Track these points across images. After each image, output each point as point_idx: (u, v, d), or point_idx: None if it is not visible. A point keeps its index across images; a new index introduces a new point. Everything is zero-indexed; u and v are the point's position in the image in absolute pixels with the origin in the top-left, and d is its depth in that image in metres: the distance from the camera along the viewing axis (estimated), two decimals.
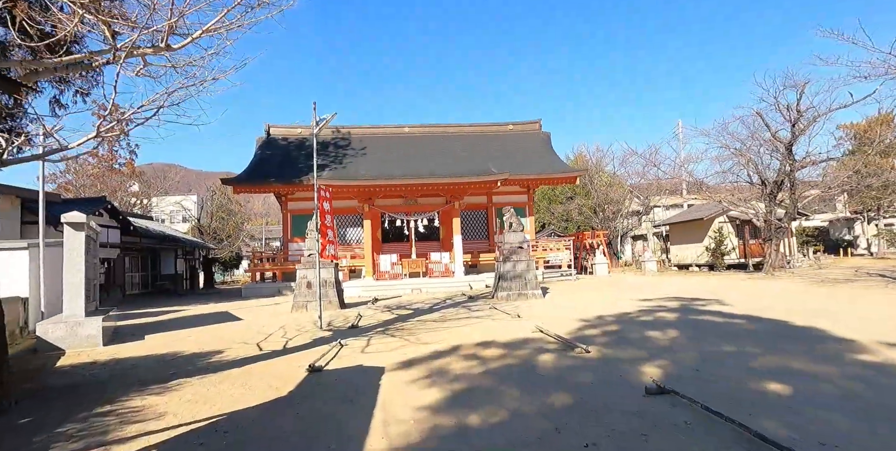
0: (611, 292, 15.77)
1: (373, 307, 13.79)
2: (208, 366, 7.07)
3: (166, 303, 19.27)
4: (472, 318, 10.79)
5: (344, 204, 22.48)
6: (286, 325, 11.11)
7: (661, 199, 33.42)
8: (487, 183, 19.20)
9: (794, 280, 17.45)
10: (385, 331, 9.56)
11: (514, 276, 14.18)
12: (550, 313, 11.22)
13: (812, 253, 28.85)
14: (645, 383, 5.09)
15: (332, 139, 25.78)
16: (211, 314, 14.25)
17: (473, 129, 26.82)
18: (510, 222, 14.73)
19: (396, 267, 19.87)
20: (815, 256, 28.91)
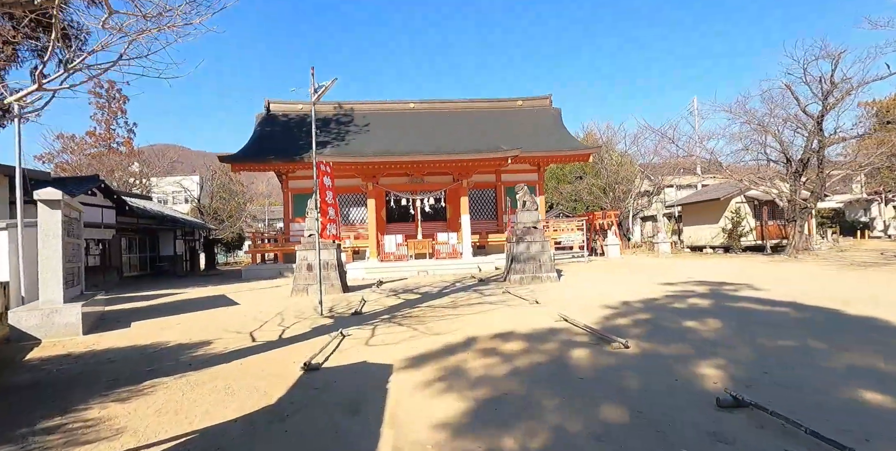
0: (628, 275, 14.83)
1: (377, 291, 12.92)
2: (191, 361, 6.19)
3: (164, 285, 18.48)
4: (486, 304, 9.89)
5: (347, 183, 21.48)
6: (284, 311, 10.24)
7: (673, 178, 32.24)
8: (497, 160, 18.13)
9: (820, 263, 16.47)
10: (391, 319, 8.66)
11: (528, 258, 13.24)
12: (570, 298, 10.31)
13: (830, 235, 27.76)
14: (709, 389, 4.18)
15: (333, 116, 24.64)
16: (207, 298, 13.41)
17: (481, 105, 25.60)
18: (524, 201, 13.73)
19: (402, 248, 18.97)
20: (834, 238, 27.84)
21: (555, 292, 11.38)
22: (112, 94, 35.37)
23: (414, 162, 17.95)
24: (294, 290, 12.56)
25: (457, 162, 18.07)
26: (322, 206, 9.73)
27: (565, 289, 11.84)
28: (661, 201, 36.50)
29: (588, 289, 11.63)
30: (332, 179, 10.08)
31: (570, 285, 12.45)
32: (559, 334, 6.69)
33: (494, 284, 13.36)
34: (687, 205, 28.51)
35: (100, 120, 34.85)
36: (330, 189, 9.95)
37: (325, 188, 9.85)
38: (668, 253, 24.22)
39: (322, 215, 9.71)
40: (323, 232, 9.73)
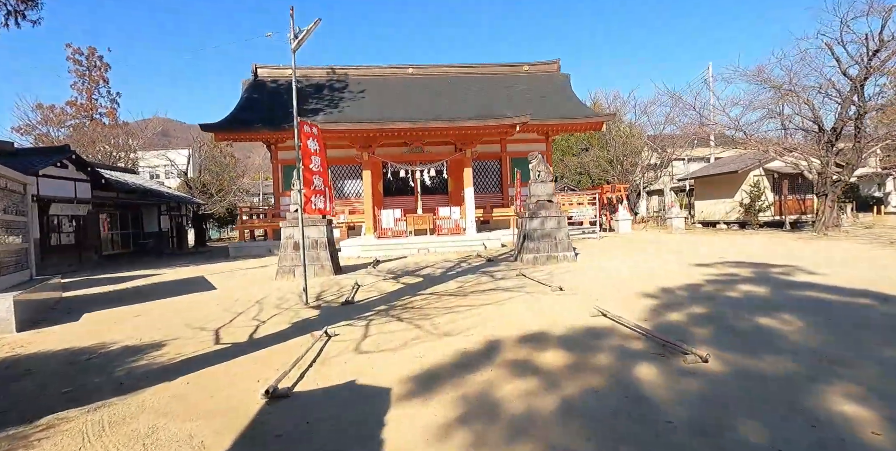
0: (651, 254, 13.29)
1: (373, 273, 11.37)
2: (126, 377, 4.65)
3: (144, 265, 16.93)
4: (500, 290, 8.34)
5: (341, 153, 19.74)
6: (265, 298, 8.70)
7: (684, 151, 30.46)
8: (504, 128, 16.37)
9: (855, 241, 14.96)
10: (389, 311, 7.11)
11: (543, 235, 11.66)
12: (596, 282, 8.77)
13: (849, 211, 26.22)
14: (872, 444, 2.65)
15: (326, 81, 22.66)
16: (183, 281, 11.87)
17: (485, 69, 23.59)
18: (538, 171, 12.06)
19: (400, 224, 17.37)
20: (853, 213, 26.31)
21: (576, 274, 9.83)
22: (93, 61, 33.02)
23: (413, 130, 16.17)
24: (279, 272, 11.00)
25: (460, 130, 16.30)
26: (305, 174, 8.07)
27: (586, 271, 10.30)
28: (668, 175, 34.79)
29: (612, 271, 10.08)
30: (319, 144, 8.38)
31: (590, 266, 10.91)
32: (606, 338, 5.15)
33: (505, 264, 11.82)
34: (700, 178, 26.84)
35: (80, 89, 32.60)
36: (316, 154, 8.27)
37: (310, 153, 8.17)
38: (681, 229, 22.69)
39: (306, 186, 8.06)
40: (307, 205, 8.10)
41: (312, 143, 8.22)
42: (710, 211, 26.29)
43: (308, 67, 23.08)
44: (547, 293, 7.87)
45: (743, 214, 23.64)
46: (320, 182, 8.27)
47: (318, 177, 8.26)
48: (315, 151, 8.26)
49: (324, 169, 8.41)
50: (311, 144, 8.20)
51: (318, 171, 8.26)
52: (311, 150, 8.19)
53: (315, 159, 8.25)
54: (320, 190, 8.27)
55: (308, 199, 8.08)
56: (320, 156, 8.36)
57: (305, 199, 8.05)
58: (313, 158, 8.21)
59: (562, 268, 10.75)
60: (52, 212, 16.83)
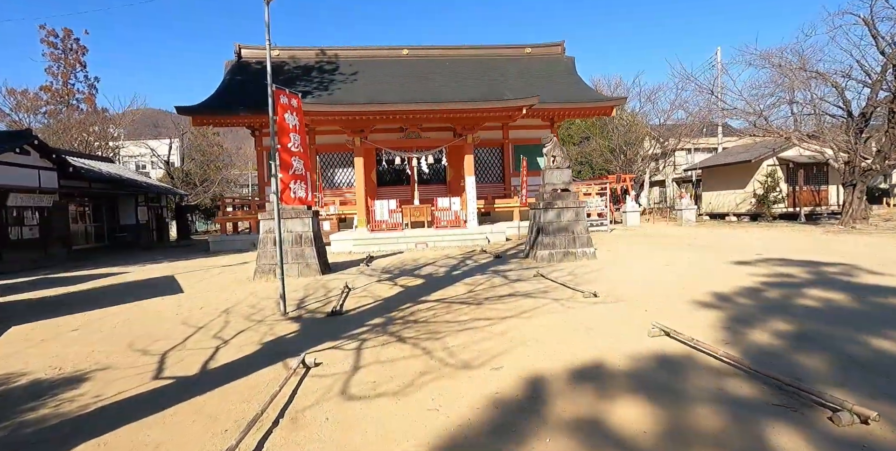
0: (675, 249, 11.88)
1: (367, 272, 9.84)
2: (4, 443, 3.13)
3: (114, 261, 15.31)
4: (520, 296, 6.86)
5: (330, 140, 18.15)
6: (235, 306, 7.16)
7: (692, 140, 29.08)
8: (510, 110, 14.82)
9: (889, 235, 13.66)
10: (386, 325, 5.61)
11: (559, 229, 10.19)
12: (631, 286, 7.31)
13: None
14: None
15: (315, 63, 20.94)
16: (148, 282, 10.29)
17: (484, 52, 21.95)
18: (553, 156, 10.55)
19: (396, 215, 15.83)
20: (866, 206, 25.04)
21: (602, 274, 8.37)
22: (69, 44, 30.91)
23: (409, 112, 14.56)
24: (257, 272, 9.45)
25: (461, 113, 14.72)
26: (283, 156, 6.51)
27: (612, 270, 8.84)
28: (671, 165, 33.46)
29: (643, 271, 8.63)
30: (299, 119, 6.80)
31: (614, 264, 9.45)
32: (691, 375, 3.68)
33: (516, 262, 10.33)
34: (708, 168, 25.46)
35: (55, 73, 30.50)
36: (296, 131, 6.70)
37: (289, 130, 6.60)
38: (692, 221, 21.33)
39: (283, 169, 6.51)
40: (285, 194, 6.55)
41: (291, 117, 6.65)
42: (718, 203, 24.95)
43: (296, 48, 21.35)
44: (579, 301, 6.40)
45: (755, 205, 22.32)
46: (301, 165, 6.71)
47: (298, 159, 6.69)
48: (294, 127, 6.69)
49: (305, 150, 6.85)
50: (290, 119, 6.63)
51: (297, 151, 6.70)
52: (290, 125, 6.62)
53: (294, 138, 6.68)
54: (300, 175, 6.72)
55: (286, 185, 6.53)
56: (300, 134, 6.79)
57: (283, 185, 6.50)
58: (292, 135, 6.64)
59: (583, 267, 9.28)
60: (11, 203, 15.11)
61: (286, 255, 9.46)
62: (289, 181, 6.54)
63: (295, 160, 6.64)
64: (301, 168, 6.72)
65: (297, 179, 6.67)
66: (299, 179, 6.69)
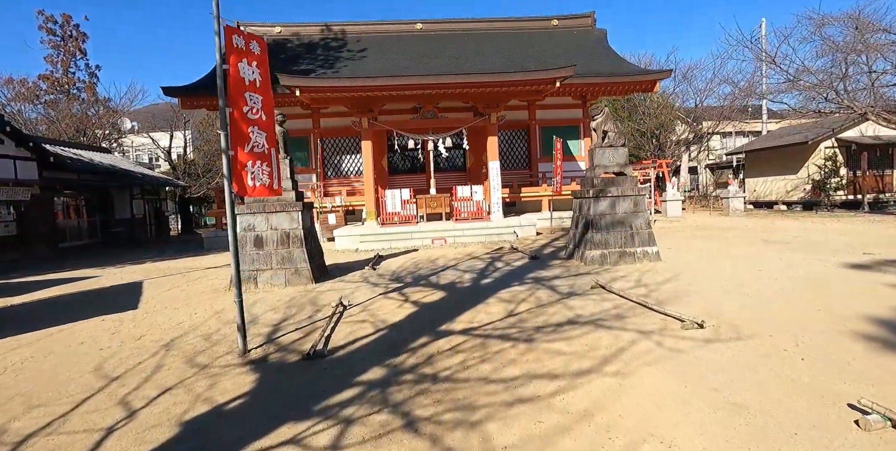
0: (747, 245, 9.55)
1: (372, 278, 7.71)
2: None
3: (98, 261, 13.48)
4: (584, 323, 4.66)
5: (336, 123, 16.02)
6: (185, 336, 5.10)
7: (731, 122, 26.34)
8: (540, 84, 12.49)
9: None
10: (388, 388, 3.45)
11: (613, 222, 7.93)
12: (735, 303, 5.08)
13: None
14: None
15: (320, 40, 18.74)
16: (108, 291, 8.32)
17: (506, 25, 19.51)
18: (603, 131, 8.24)
19: (409, 207, 13.65)
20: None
21: (682, 285, 6.12)
22: (68, 31, 29.10)
23: (425, 86, 12.31)
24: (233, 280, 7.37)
25: (485, 87, 12.42)
26: (237, 125, 4.36)
27: (690, 277, 6.57)
28: (705, 150, 30.71)
29: (734, 278, 6.36)
30: (262, 72, 4.62)
31: (688, 269, 7.17)
32: None
33: (559, 264, 8.10)
34: (753, 152, 22.76)
35: (55, 62, 28.76)
36: (254, 90, 4.54)
37: (244, 87, 4.44)
38: (739, 211, 18.78)
39: (237, 145, 4.36)
40: (241, 179, 4.41)
41: (249, 68, 4.48)
42: (764, 190, 22.30)
43: (299, 24, 19.17)
44: (681, 335, 4.18)
45: (809, 193, 19.67)
46: (262, 140, 4.55)
47: (259, 131, 4.54)
48: (254, 83, 4.53)
49: (269, 118, 4.68)
50: (247, 71, 4.47)
51: (258, 119, 4.54)
52: (247, 80, 4.46)
53: (253, 100, 4.52)
54: (262, 154, 4.56)
55: (242, 167, 4.38)
56: (264, 94, 4.62)
57: (238, 166, 4.36)
58: (250, 96, 4.48)
59: (650, 273, 7.03)
60: None
61: (269, 258, 7.38)
62: (246, 162, 4.41)
63: (254, 132, 4.49)
64: (263, 144, 4.56)
65: (258, 159, 4.52)
66: (261, 159, 4.53)
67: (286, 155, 7.79)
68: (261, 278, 7.33)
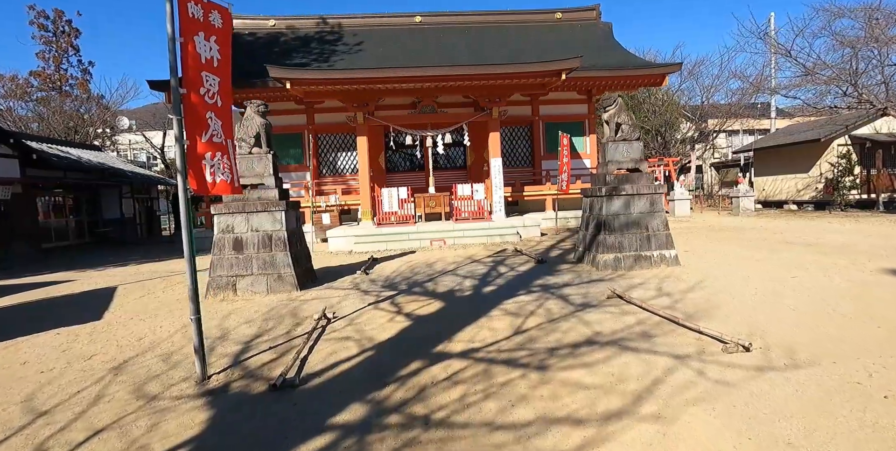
0: (768, 249, 8.83)
1: (364, 284, 6.99)
2: None
3: (80, 262, 12.84)
4: (606, 345, 3.94)
5: (332, 119, 15.31)
6: (141, 356, 4.40)
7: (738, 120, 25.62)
8: (545, 76, 11.77)
9: None
10: (366, 436, 2.74)
11: (628, 223, 7.22)
12: (778, 317, 4.37)
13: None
14: None
15: (315, 33, 18.00)
16: (76, 298, 7.62)
17: (508, 18, 18.77)
18: (617, 123, 7.52)
19: (407, 206, 12.92)
20: None
21: (709, 294, 5.40)
22: (60, 26, 28.38)
23: (423, 78, 11.59)
24: (210, 287, 6.65)
25: (487, 79, 11.70)
26: (193, 109, 3.63)
27: (718, 285, 5.85)
28: (711, 149, 29.96)
29: (767, 287, 5.64)
30: (221, 47, 3.89)
31: (712, 275, 6.45)
32: None
33: (568, 269, 7.39)
34: (763, 150, 22.02)
35: (47, 58, 28.04)
36: (212, 69, 3.80)
37: (200, 66, 3.71)
38: (750, 211, 18.04)
39: (194, 132, 3.63)
40: (198, 173, 3.68)
41: (207, 45, 3.75)
42: (774, 189, 21.58)
43: (293, 17, 18.45)
44: (724, 361, 3.46)
45: (822, 192, 18.94)
46: (220, 129, 3.82)
47: (216, 117, 3.80)
48: (211, 61, 3.80)
49: (226, 103, 3.95)
50: (205, 48, 3.73)
51: (214, 104, 3.80)
52: (203, 57, 3.72)
53: (210, 81, 3.78)
54: (221, 144, 3.82)
55: (200, 159, 3.66)
56: (220, 75, 3.88)
57: (196, 158, 3.63)
58: (206, 76, 3.74)
59: (670, 280, 6.31)
60: None
61: (249, 262, 6.67)
62: (205, 153, 3.68)
63: (212, 119, 3.75)
64: (221, 133, 3.83)
65: (218, 150, 3.78)
66: (220, 150, 3.80)
67: (268, 149, 7.07)
68: (240, 285, 6.62)
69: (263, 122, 6.97)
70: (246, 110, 7.03)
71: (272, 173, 6.99)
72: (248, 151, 6.97)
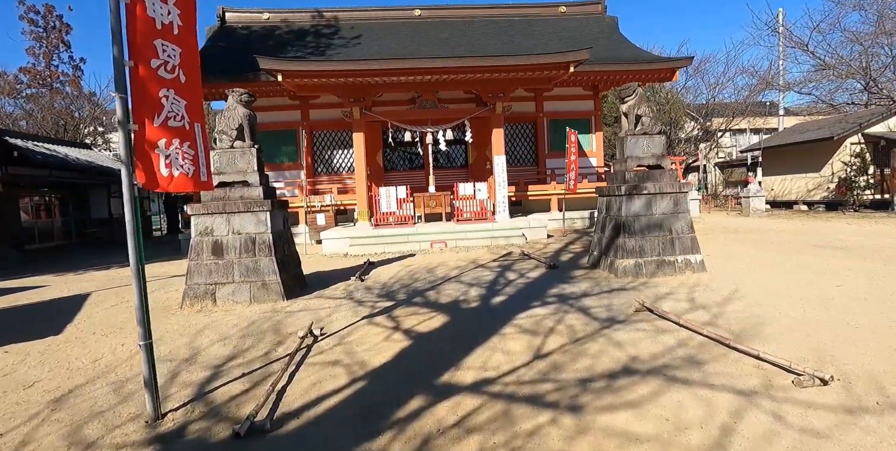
0: (795, 252, 8.14)
1: (358, 293, 6.28)
2: None
3: (61, 265, 12.16)
4: (647, 374, 3.24)
5: (328, 115, 14.61)
6: (90, 384, 3.68)
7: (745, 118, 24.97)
8: (552, 68, 11.08)
9: None
10: None
11: (650, 225, 6.52)
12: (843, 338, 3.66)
13: None
14: None
15: (311, 26, 17.29)
16: (42, 307, 6.90)
17: (511, 12, 18.07)
18: (637, 115, 6.82)
19: (406, 206, 12.21)
20: None
21: (749, 306, 4.71)
22: (51, 21, 27.61)
23: (423, 71, 10.88)
24: (187, 296, 5.92)
25: (490, 71, 10.99)
26: (143, 86, 2.91)
27: (755, 295, 5.15)
28: (714, 148, 29.29)
29: (811, 297, 4.94)
30: (184, 12, 3.18)
31: (744, 282, 5.75)
32: None
33: (582, 275, 6.68)
34: (772, 149, 21.34)
35: (37, 54, 27.27)
36: (169, 37, 3.09)
37: (156, 33, 2.99)
38: (760, 211, 17.36)
39: (143, 113, 2.91)
40: (147, 164, 2.96)
41: (162, 6, 3.03)
42: (783, 189, 20.90)
43: (288, 10, 17.75)
44: (799, 395, 2.76)
45: (834, 192, 18.26)
46: (182, 110, 3.10)
47: (177, 97, 3.08)
48: (169, 28, 3.08)
49: (193, 78, 3.23)
50: (159, 9, 3.02)
51: (174, 80, 3.08)
52: (158, 22, 3.01)
53: (168, 51, 3.07)
54: (182, 130, 3.11)
55: (151, 147, 2.94)
56: (183, 45, 3.17)
57: (145, 146, 2.92)
58: (162, 45, 3.03)
59: (700, 288, 5.61)
60: None
61: (230, 269, 5.95)
62: (157, 140, 2.97)
63: (169, 98, 3.04)
64: (183, 116, 3.11)
65: (176, 136, 3.07)
66: (180, 137, 3.09)
67: (253, 143, 6.35)
68: (220, 294, 5.90)
69: (247, 112, 6.25)
70: (227, 100, 6.31)
71: (256, 169, 6.27)
72: (230, 144, 6.25)
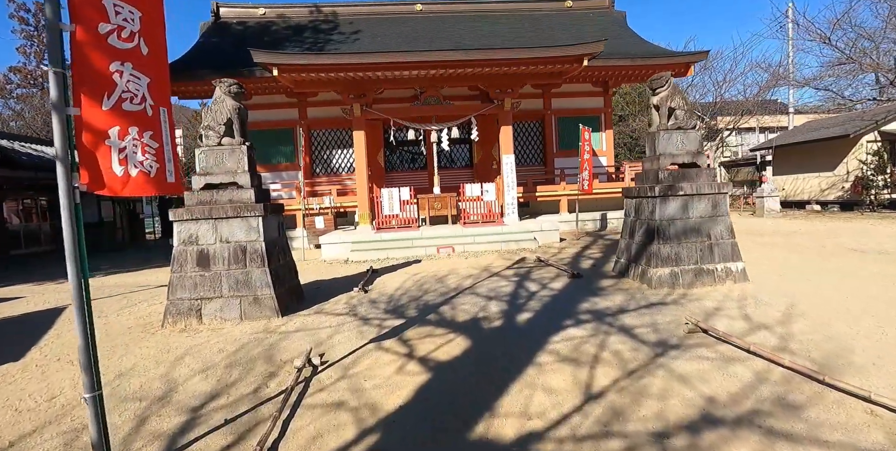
0: (832, 255, 7.46)
1: (362, 307, 5.56)
2: None
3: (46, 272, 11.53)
4: (734, 423, 2.53)
5: (327, 113, 13.89)
6: (51, 422, 2.94)
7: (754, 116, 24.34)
8: (564, 62, 10.38)
9: None
10: None
11: (686, 230, 5.82)
12: None
13: None
14: None
15: (309, 22, 16.57)
16: (13, 322, 6.19)
17: (515, 6, 17.36)
18: (670, 108, 6.12)
19: (409, 208, 11.49)
20: None
21: (816, 321, 4.01)
22: (42, 20, 26.87)
23: (427, 65, 10.17)
24: (169, 313, 5.21)
25: (498, 65, 10.29)
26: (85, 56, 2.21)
27: (826, 310, 4.46)
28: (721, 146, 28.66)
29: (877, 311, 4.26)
30: None
31: (801, 294, 5.06)
32: None
33: (611, 285, 5.97)
34: (783, 147, 20.67)
35: (28, 53, 26.53)
36: (132, 1, 2.39)
37: None
38: (775, 211, 16.71)
39: (86, 93, 2.21)
40: (88, 160, 2.26)
41: None
42: (795, 188, 20.24)
43: (285, 5, 17.02)
44: None
45: (849, 191, 17.61)
46: (143, 90, 2.42)
47: (136, 71, 2.39)
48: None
49: (157, 50, 2.55)
50: None
51: (133, 50, 2.39)
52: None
53: (125, 13, 2.37)
54: (142, 115, 2.41)
55: (97, 138, 2.24)
56: (145, 8, 2.48)
57: (89, 134, 2.22)
58: (115, 6, 2.33)
59: (749, 301, 4.91)
60: None
61: (218, 281, 5.23)
62: (107, 128, 2.28)
63: (123, 73, 2.34)
64: (144, 96, 2.42)
65: (133, 124, 2.38)
66: (138, 124, 2.39)
67: (243, 140, 5.63)
68: (206, 310, 5.18)
69: (236, 105, 5.54)
70: (215, 92, 5.60)
71: (247, 170, 5.56)
72: (218, 141, 5.54)
